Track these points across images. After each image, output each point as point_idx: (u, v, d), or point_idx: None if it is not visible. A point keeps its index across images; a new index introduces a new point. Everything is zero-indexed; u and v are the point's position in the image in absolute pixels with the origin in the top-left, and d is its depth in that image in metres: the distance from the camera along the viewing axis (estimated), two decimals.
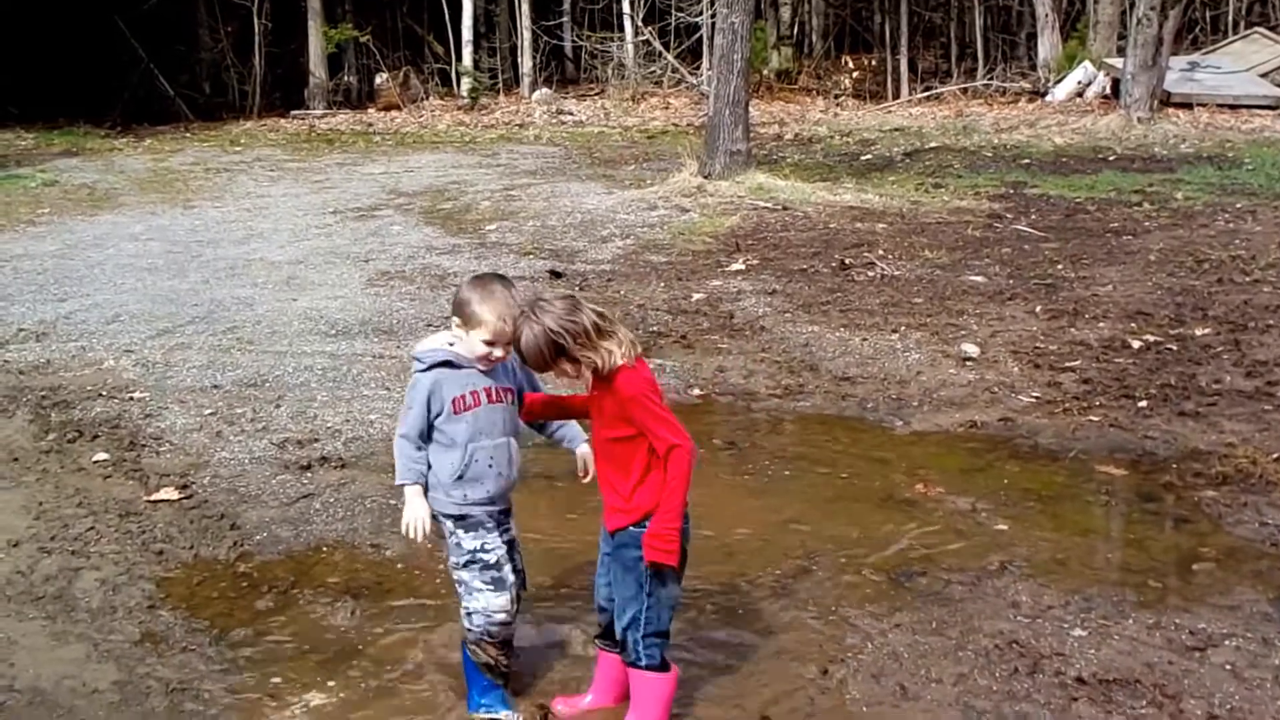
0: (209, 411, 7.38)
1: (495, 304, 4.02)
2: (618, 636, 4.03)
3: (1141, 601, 4.97)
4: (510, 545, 4.31)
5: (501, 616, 4.23)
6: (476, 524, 4.20)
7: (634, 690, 4.04)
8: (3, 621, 4.93)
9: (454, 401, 4.11)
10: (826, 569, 5.32)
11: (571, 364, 3.85)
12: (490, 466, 4.16)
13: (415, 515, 4.11)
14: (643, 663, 3.97)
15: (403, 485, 4.15)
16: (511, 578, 4.26)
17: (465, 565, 4.22)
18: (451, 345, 4.18)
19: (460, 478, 4.15)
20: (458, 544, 4.21)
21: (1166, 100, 18.98)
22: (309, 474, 6.48)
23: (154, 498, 6.18)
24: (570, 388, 4.17)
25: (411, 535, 4.10)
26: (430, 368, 4.16)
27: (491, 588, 4.21)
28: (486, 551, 4.20)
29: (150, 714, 4.33)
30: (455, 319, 4.16)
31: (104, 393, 7.73)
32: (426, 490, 4.15)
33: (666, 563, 3.87)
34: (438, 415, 4.12)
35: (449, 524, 4.21)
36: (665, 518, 3.84)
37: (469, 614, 4.25)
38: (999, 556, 5.38)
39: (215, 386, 7.84)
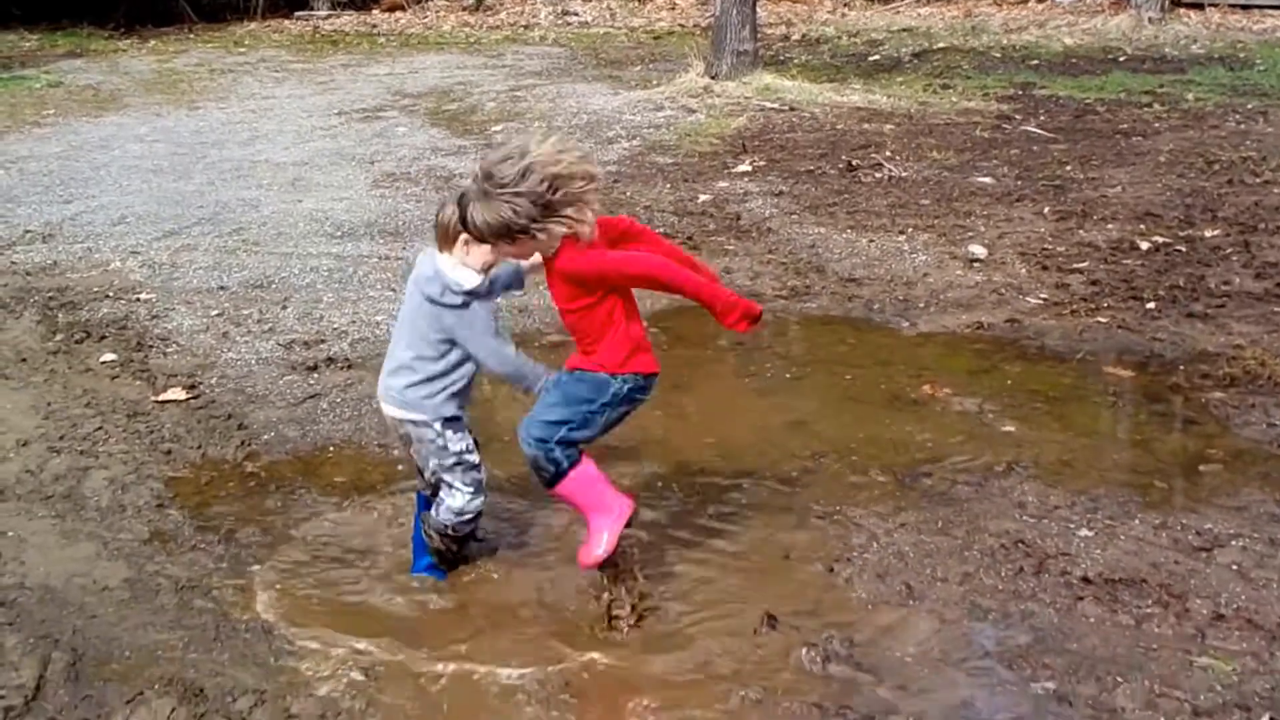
0: (215, 313, 7.37)
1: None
2: (527, 453, 4.00)
3: (1148, 502, 4.98)
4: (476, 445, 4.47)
5: (470, 516, 4.43)
6: (464, 426, 4.36)
7: (572, 501, 4.09)
8: (12, 520, 4.97)
9: None
10: (832, 469, 5.33)
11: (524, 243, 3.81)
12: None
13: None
14: (565, 466, 3.98)
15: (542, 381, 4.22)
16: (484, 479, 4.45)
17: (452, 467, 4.35)
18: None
19: (468, 385, 4.31)
20: (444, 446, 4.32)
21: (1177, 0, 18.67)
22: (315, 375, 6.48)
23: (161, 398, 6.20)
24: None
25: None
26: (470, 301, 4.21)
27: (472, 489, 4.39)
28: (470, 453, 4.37)
29: (160, 610, 4.37)
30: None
31: (110, 294, 7.72)
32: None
33: (752, 309, 3.85)
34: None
35: (436, 426, 4.29)
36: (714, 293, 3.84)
37: (441, 507, 4.40)
38: (1005, 457, 5.38)
39: (221, 288, 7.82)
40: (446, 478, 4.40)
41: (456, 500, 4.39)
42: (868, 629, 4.20)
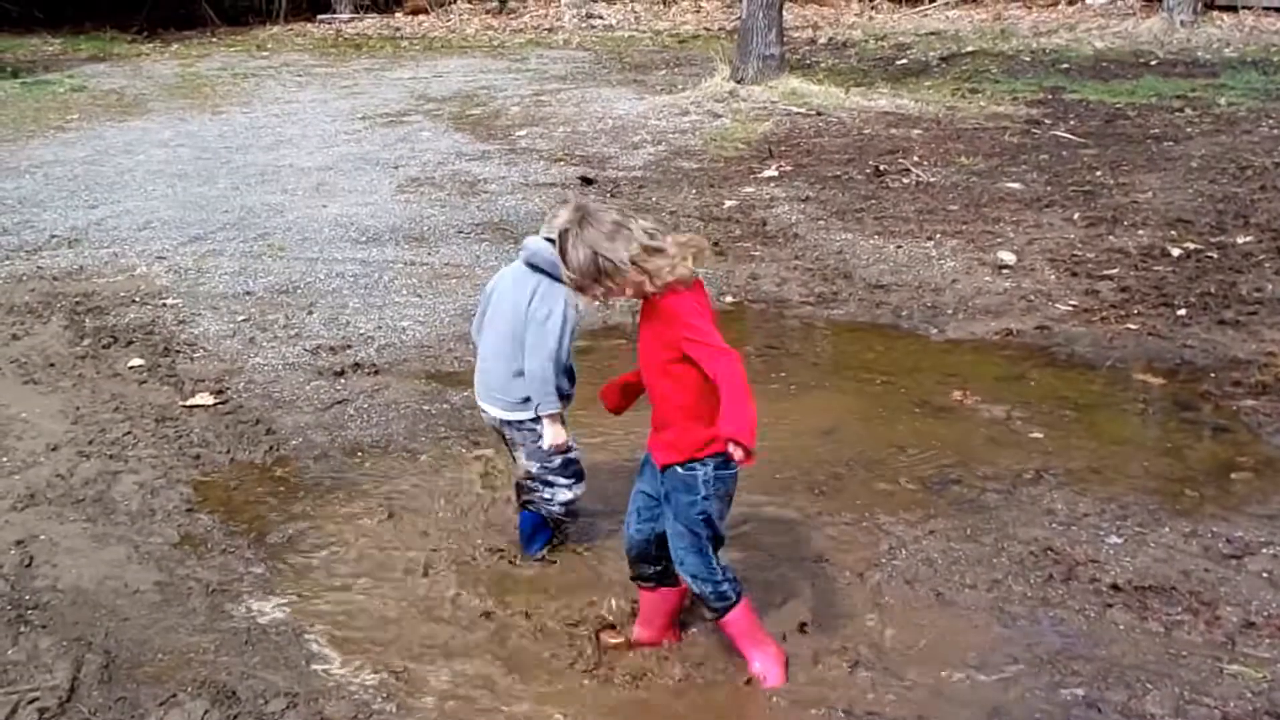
0: (242, 318, 7.40)
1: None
2: (685, 582, 3.97)
3: (1178, 510, 4.96)
4: None
5: (577, 502, 4.71)
6: (564, 422, 4.56)
7: (729, 634, 4.04)
8: (44, 523, 5.00)
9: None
10: (861, 476, 5.32)
11: (611, 288, 3.73)
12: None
13: (561, 436, 4.48)
14: (719, 606, 3.94)
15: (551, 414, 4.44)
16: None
17: (559, 466, 4.58)
18: None
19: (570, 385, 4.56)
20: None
21: (1210, 3, 18.52)
22: (342, 380, 6.50)
23: (189, 403, 6.22)
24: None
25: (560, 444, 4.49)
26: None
27: (573, 479, 4.64)
28: (570, 449, 4.58)
29: (192, 613, 4.39)
30: None
31: (137, 299, 7.76)
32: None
33: (746, 442, 3.61)
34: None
35: (539, 429, 4.49)
36: (734, 416, 3.60)
37: (562, 504, 4.67)
38: (1034, 464, 5.36)
39: (247, 293, 7.85)
40: (549, 477, 4.60)
41: (562, 495, 4.64)
42: (896, 635, 4.19)
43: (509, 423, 4.54)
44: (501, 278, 4.58)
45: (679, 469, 3.83)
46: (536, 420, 4.48)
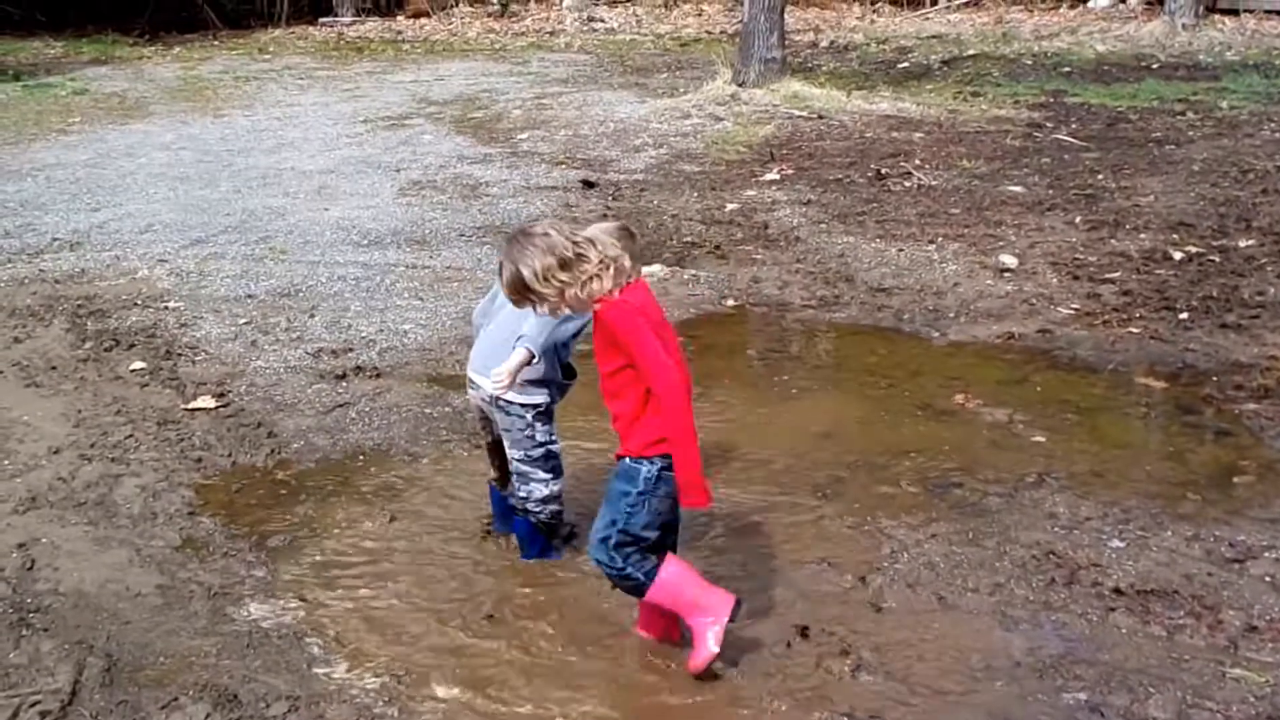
0: (244, 321, 7.40)
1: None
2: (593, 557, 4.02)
3: (1180, 513, 4.95)
4: None
5: (557, 500, 4.65)
6: (552, 418, 4.56)
7: (666, 607, 4.05)
8: (46, 527, 4.99)
9: None
10: (862, 480, 5.31)
11: (543, 301, 3.82)
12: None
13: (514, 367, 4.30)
14: (640, 579, 3.96)
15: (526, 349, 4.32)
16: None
17: (537, 459, 4.53)
18: None
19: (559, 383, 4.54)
20: (531, 436, 4.48)
21: (1212, 6, 18.54)
22: (344, 383, 6.50)
23: (191, 406, 6.22)
24: None
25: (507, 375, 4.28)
26: None
27: (550, 475, 4.58)
28: (554, 443, 4.56)
29: (193, 617, 4.39)
30: None
31: (139, 302, 7.76)
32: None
33: (700, 504, 3.87)
34: None
35: (528, 416, 4.45)
36: (684, 467, 3.77)
37: (539, 501, 4.59)
38: (1036, 468, 5.36)
39: (249, 296, 7.85)
40: (527, 469, 4.54)
41: (538, 491, 4.57)
42: (898, 639, 4.18)
43: (500, 404, 4.45)
44: None
45: (627, 460, 3.92)
46: (525, 407, 4.44)
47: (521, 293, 3.82)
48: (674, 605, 4.02)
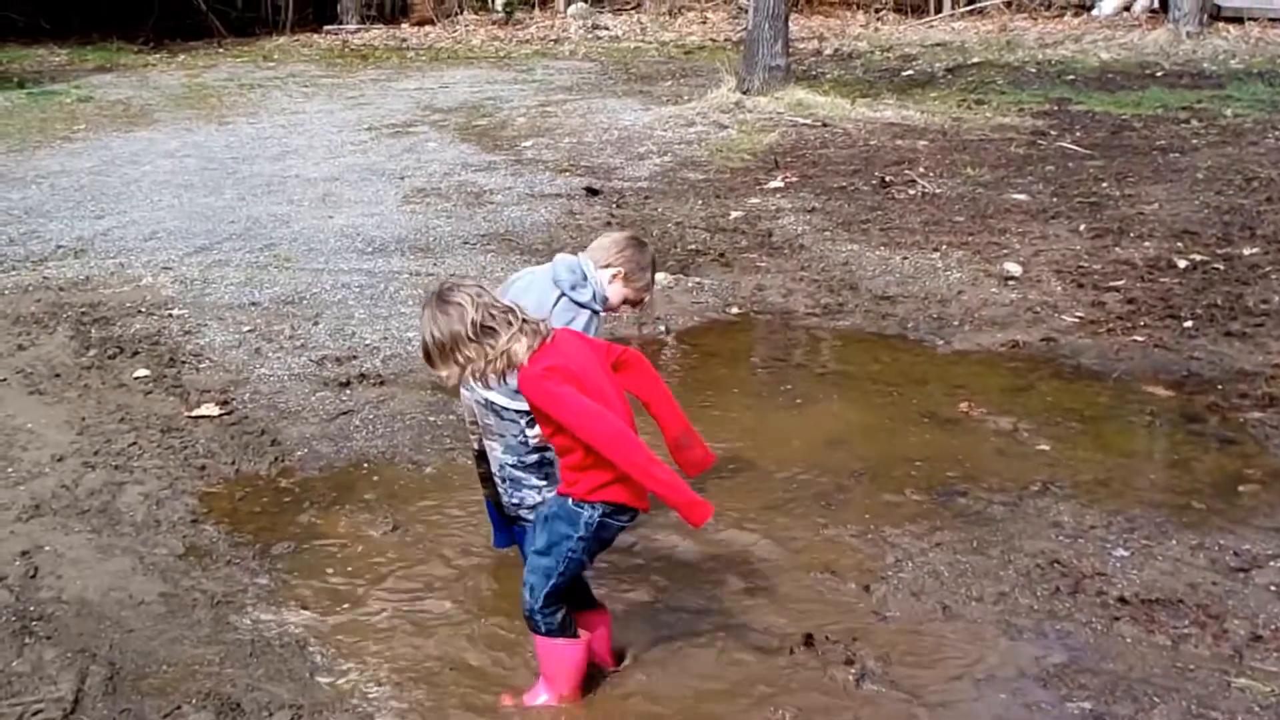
0: (248, 328, 7.40)
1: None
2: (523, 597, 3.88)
3: (1185, 522, 4.94)
4: None
5: None
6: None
7: (539, 657, 3.97)
8: (49, 534, 4.99)
9: None
10: (867, 488, 5.31)
11: (451, 367, 3.61)
12: None
13: None
14: (543, 630, 3.86)
15: None
16: None
17: (531, 464, 4.44)
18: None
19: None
20: (524, 441, 4.41)
21: (1216, 14, 18.54)
22: (348, 391, 6.50)
23: (195, 413, 6.22)
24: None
25: None
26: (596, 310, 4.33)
27: (545, 482, 4.42)
28: (547, 449, 4.36)
29: (196, 625, 4.38)
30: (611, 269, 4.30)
31: (143, 309, 7.76)
32: None
33: (707, 515, 3.60)
34: None
35: (521, 422, 4.35)
36: (668, 495, 3.58)
37: (530, 509, 4.46)
38: (1041, 476, 5.35)
39: (253, 304, 7.85)
40: (520, 475, 4.42)
41: (530, 498, 4.43)
42: (903, 648, 4.18)
43: (495, 407, 4.37)
44: (531, 273, 4.47)
45: (569, 501, 3.76)
46: (519, 413, 4.33)
47: (432, 362, 3.64)
48: (543, 666, 3.94)
